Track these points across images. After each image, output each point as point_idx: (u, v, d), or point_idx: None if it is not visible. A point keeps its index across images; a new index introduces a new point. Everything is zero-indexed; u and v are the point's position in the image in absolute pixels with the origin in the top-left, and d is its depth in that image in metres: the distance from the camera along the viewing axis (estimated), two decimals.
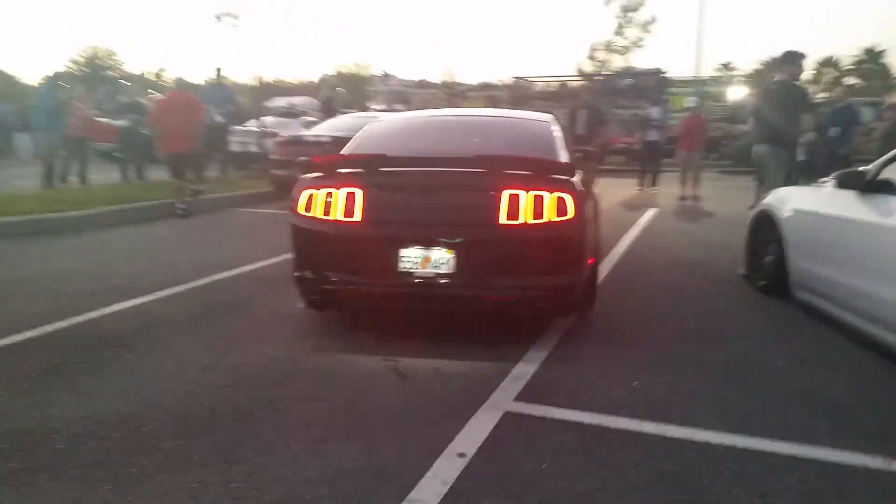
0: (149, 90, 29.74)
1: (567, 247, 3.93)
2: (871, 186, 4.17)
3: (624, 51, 31.10)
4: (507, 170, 3.95)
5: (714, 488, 2.53)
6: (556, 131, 4.97)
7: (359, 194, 3.97)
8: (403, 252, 3.90)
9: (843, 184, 4.36)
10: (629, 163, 16.77)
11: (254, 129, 14.93)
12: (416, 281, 3.90)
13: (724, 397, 3.38)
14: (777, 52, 7.82)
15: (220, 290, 5.40)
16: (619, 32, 31.00)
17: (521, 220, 3.83)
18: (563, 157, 4.47)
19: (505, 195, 3.84)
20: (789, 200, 5.14)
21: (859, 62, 56.45)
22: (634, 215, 9.83)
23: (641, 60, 31.96)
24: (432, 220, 3.94)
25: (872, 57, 57.16)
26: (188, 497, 2.45)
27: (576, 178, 4.09)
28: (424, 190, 4.00)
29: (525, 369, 3.68)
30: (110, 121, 16.31)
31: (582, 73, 27.14)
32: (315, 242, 4.09)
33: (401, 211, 4.00)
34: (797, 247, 4.86)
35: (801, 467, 2.70)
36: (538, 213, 3.84)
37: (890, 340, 3.81)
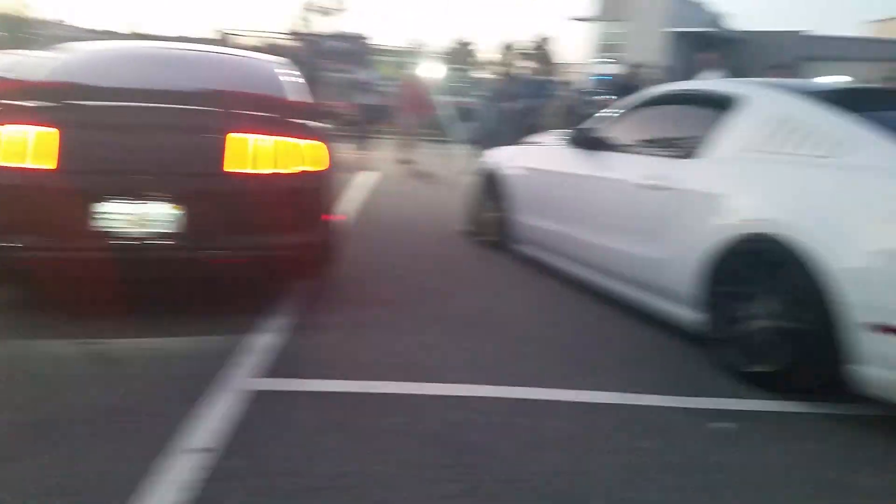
0: None
1: (312, 201, 3.52)
2: (589, 143, 4.46)
3: (325, 12, 30.50)
4: (251, 110, 3.41)
5: (487, 444, 2.42)
6: (297, 76, 4.49)
7: (46, 134, 3.10)
8: (107, 207, 3.16)
9: (569, 142, 4.61)
10: (339, 127, 16.54)
11: None
12: (126, 243, 3.19)
13: (478, 351, 3.33)
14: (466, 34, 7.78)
15: None
16: None
17: (266, 169, 3.33)
18: (299, 99, 4.03)
19: (249, 140, 3.29)
20: (511, 158, 5.35)
21: (537, 47, 63.82)
22: (357, 178, 9.67)
23: (343, 26, 31.82)
24: (151, 168, 3.25)
25: (542, 43, 65.20)
26: None
27: (321, 125, 3.70)
28: (141, 130, 3.27)
29: (267, 341, 3.23)
30: None
31: (290, 32, 26.22)
32: None
33: (105, 156, 3.21)
34: (518, 201, 5.08)
35: (559, 411, 2.73)
36: (287, 160, 3.37)
37: (603, 284, 4.15)
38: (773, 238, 3.00)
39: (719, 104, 3.69)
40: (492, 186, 5.49)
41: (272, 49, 18.75)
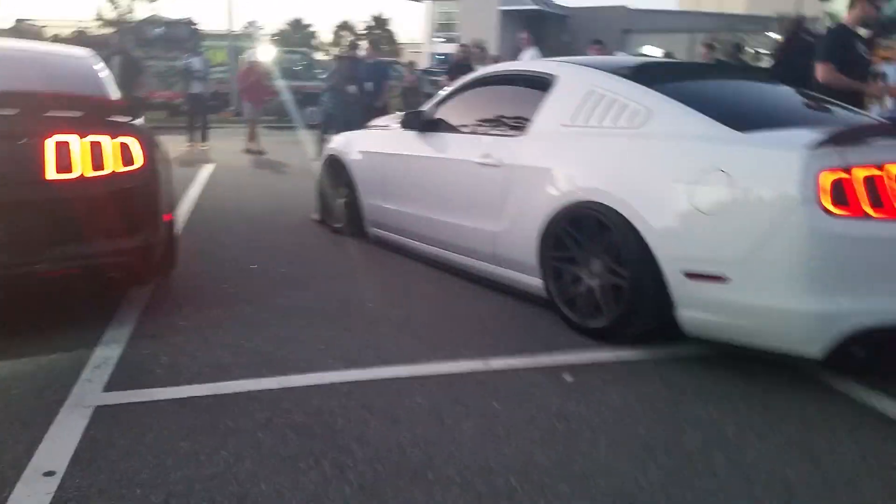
0: None
1: (140, 201, 3.35)
2: (427, 125, 4.57)
3: None
4: (52, 111, 3.16)
5: (350, 428, 2.46)
6: (103, 69, 4.22)
7: None
8: None
9: (405, 125, 4.70)
10: (172, 118, 15.78)
11: None
12: None
13: (336, 337, 3.35)
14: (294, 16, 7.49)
15: None
16: None
17: (77, 174, 3.12)
18: (116, 96, 3.81)
19: (52, 143, 3.07)
20: (355, 144, 5.35)
21: (370, 28, 63.43)
22: (192, 172, 9.22)
23: (168, 11, 29.97)
24: None
25: (380, 23, 64.96)
26: None
27: (140, 121, 3.52)
28: None
29: (109, 353, 3.07)
30: None
31: (104, 19, 24.28)
32: None
33: None
34: (366, 186, 5.11)
35: (420, 385, 2.83)
36: (99, 163, 3.17)
37: (453, 259, 4.31)
38: (596, 204, 3.27)
39: (539, 83, 3.93)
40: (339, 172, 5.47)
41: (82, 39, 17.39)
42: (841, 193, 2.62)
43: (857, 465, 2.29)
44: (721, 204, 2.85)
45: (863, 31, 5.15)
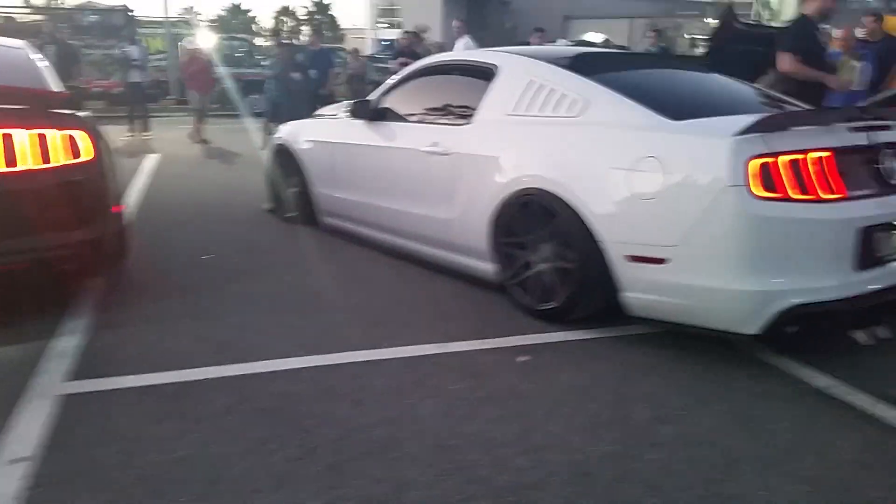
0: None
1: (89, 193, 3.34)
2: (375, 115, 4.64)
3: None
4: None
5: (315, 411, 2.55)
6: (39, 59, 4.15)
7: None
8: None
9: (353, 114, 4.75)
10: (111, 108, 15.31)
11: None
12: None
13: (294, 324, 3.42)
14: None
15: None
16: None
17: (23, 167, 3.10)
18: (58, 88, 3.76)
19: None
20: (304, 133, 5.37)
21: (311, 13, 62.35)
22: (136, 163, 9.03)
23: None
24: None
25: (321, 9, 63.92)
26: None
27: (85, 113, 3.50)
28: None
29: (68, 343, 3.08)
30: None
31: (32, 6, 23.29)
32: None
33: None
34: (317, 176, 5.15)
35: (381, 368, 2.94)
36: (46, 156, 3.16)
37: (408, 247, 4.41)
38: (541, 191, 3.41)
39: (482, 73, 4.05)
40: (288, 161, 5.48)
41: (10, 27, 16.64)
42: (768, 178, 2.80)
43: (793, 436, 2.46)
44: (656, 190, 3.00)
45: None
